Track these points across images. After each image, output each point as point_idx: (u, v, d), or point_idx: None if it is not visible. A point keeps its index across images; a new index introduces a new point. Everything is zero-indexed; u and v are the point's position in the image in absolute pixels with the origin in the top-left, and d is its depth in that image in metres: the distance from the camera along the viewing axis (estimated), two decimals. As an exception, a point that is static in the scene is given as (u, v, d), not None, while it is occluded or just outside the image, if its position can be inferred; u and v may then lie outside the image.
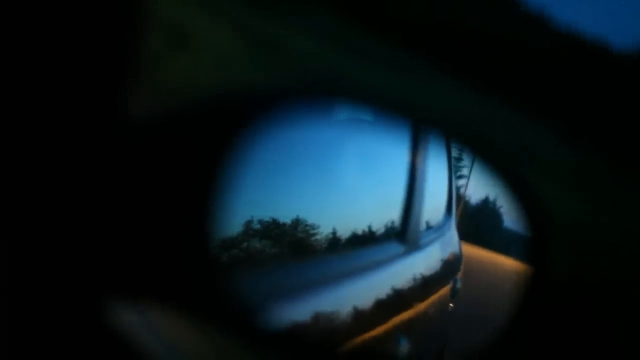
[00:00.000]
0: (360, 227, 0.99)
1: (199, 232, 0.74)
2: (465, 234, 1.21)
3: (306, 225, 0.86)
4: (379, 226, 1.07)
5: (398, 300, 1.08)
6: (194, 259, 0.74)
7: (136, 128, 0.75)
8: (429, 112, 0.81)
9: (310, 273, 0.87)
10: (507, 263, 1.05)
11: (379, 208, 1.07)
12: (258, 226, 0.78)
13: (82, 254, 0.73)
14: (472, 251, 1.20)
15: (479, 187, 1.06)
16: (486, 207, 1.11)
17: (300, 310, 0.82)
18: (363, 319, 0.96)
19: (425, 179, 1.19)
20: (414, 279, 1.16)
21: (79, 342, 0.74)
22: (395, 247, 1.11)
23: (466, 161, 1.11)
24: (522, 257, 0.95)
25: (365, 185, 1.04)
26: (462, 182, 1.12)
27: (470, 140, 0.95)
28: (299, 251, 0.86)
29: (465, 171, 1.11)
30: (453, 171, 1.27)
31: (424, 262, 1.22)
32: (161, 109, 0.75)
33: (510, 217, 0.93)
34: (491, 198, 1.08)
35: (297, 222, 0.84)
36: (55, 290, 0.73)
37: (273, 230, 0.80)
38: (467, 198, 1.14)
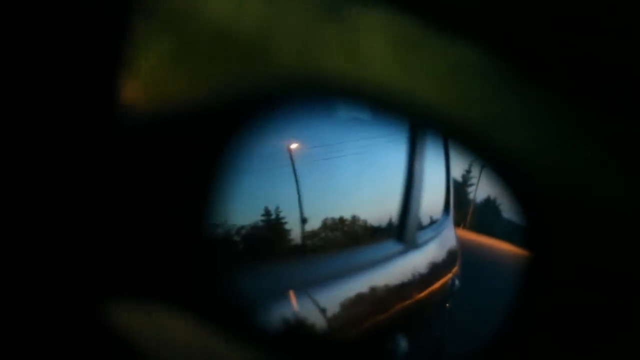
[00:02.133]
0: (358, 226, 0.99)
1: (198, 231, 0.74)
2: (474, 227, 1.25)
3: (304, 224, 0.85)
4: (376, 225, 1.07)
5: (396, 299, 1.08)
6: (193, 258, 0.74)
7: (135, 126, 0.75)
8: (428, 110, 0.81)
9: (307, 272, 0.87)
10: (509, 249, 1.09)
11: (377, 207, 1.07)
12: (256, 225, 0.78)
13: (82, 254, 0.73)
14: (479, 239, 1.24)
15: (484, 186, 1.11)
16: (490, 203, 1.15)
17: (298, 310, 0.82)
18: (361, 318, 0.96)
19: (423, 177, 1.19)
20: (412, 278, 1.16)
21: (78, 342, 0.74)
22: (392, 246, 1.11)
23: (474, 172, 1.14)
24: (521, 243, 0.99)
25: (363, 184, 1.04)
26: (471, 189, 1.18)
27: (467, 139, 0.95)
28: (296, 250, 0.86)
29: (474, 180, 1.15)
30: (451, 169, 1.27)
31: (422, 260, 1.22)
32: (161, 107, 0.75)
33: (509, 209, 0.97)
34: (492, 195, 1.13)
35: (295, 221, 0.83)
36: (54, 290, 0.73)
37: (271, 229, 0.80)
38: (475, 200, 1.18)
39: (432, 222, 1.29)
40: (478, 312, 1.15)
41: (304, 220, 0.85)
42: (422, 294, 1.19)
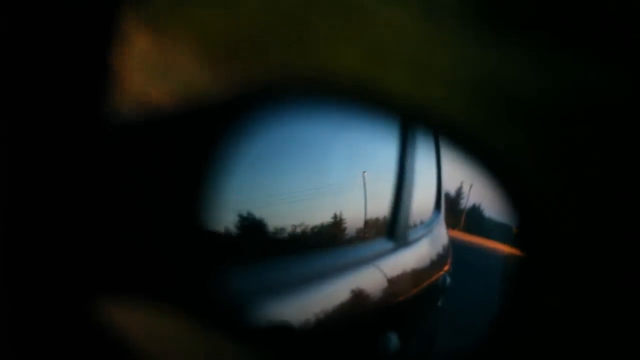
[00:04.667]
0: (350, 223, 0.99)
1: (191, 230, 0.74)
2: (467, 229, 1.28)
3: (296, 223, 0.86)
4: (368, 223, 1.07)
5: (387, 296, 1.08)
6: (185, 257, 0.74)
7: (126, 127, 0.75)
8: (418, 108, 0.82)
9: (299, 270, 0.87)
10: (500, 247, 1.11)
11: (368, 205, 1.07)
12: (248, 223, 0.78)
13: (76, 253, 0.73)
14: (471, 238, 1.26)
15: (475, 195, 1.15)
16: (480, 207, 1.17)
17: (289, 307, 0.82)
18: (353, 315, 0.96)
19: (414, 175, 1.19)
20: (403, 275, 1.16)
21: (72, 341, 0.74)
22: (384, 244, 1.11)
23: (466, 184, 1.16)
24: (510, 242, 1.01)
25: (354, 182, 1.04)
26: (463, 198, 1.21)
27: (458, 137, 0.96)
28: (288, 248, 0.86)
29: (465, 190, 1.18)
30: (442, 168, 1.28)
31: (413, 258, 1.22)
32: (153, 107, 0.75)
33: (495, 210, 0.99)
34: (482, 201, 1.15)
35: (286, 220, 0.84)
36: (49, 289, 0.73)
37: (263, 227, 0.80)
38: (467, 206, 1.20)
39: (423, 220, 1.30)
40: (469, 309, 1.16)
41: (295, 219, 0.85)
42: (414, 291, 1.19)
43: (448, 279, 1.30)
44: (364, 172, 1.01)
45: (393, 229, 1.14)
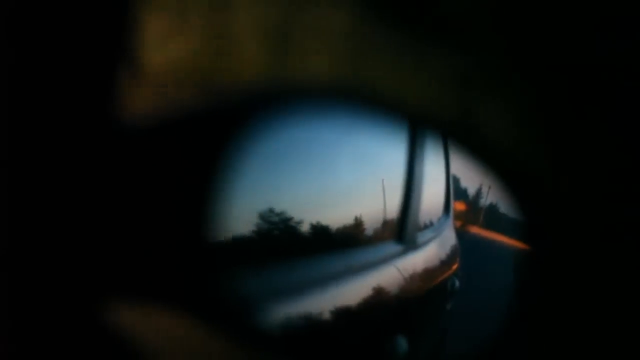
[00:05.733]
0: (358, 226, 0.99)
1: (197, 232, 0.74)
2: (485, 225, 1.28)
3: (304, 225, 0.86)
4: (376, 226, 1.07)
5: (396, 299, 1.08)
6: (193, 258, 0.74)
7: (133, 128, 0.75)
8: (427, 110, 0.81)
9: (308, 272, 0.87)
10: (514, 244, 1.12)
11: (377, 208, 1.07)
12: (256, 226, 0.78)
13: (83, 254, 0.73)
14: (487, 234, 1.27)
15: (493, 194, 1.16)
16: (497, 206, 1.17)
17: (298, 310, 0.82)
18: (361, 318, 0.96)
19: (423, 178, 1.19)
20: (412, 279, 1.16)
21: (78, 341, 0.74)
22: (392, 247, 1.11)
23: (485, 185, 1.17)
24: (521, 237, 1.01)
25: (363, 185, 1.04)
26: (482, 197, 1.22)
27: (463, 139, 0.96)
28: (297, 251, 0.86)
29: (482, 201, 1.18)
30: (450, 170, 1.28)
31: (422, 261, 1.22)
32: (161, 107, 0.75)
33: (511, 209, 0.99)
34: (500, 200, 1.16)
35: (295, 222, 0.84)
36: (54, 290, 0.73)
37: (271, 230, 0.80)
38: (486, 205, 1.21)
39: (432, 222, 1.30)
40: (478, 312, 1.16)
41: (304, 221, 0.85)
42: (422, 295, 1.19)
43: (457, 283, 1.30)
44: (383, 178, 1.01)
45: (402, 232, 1.14)
